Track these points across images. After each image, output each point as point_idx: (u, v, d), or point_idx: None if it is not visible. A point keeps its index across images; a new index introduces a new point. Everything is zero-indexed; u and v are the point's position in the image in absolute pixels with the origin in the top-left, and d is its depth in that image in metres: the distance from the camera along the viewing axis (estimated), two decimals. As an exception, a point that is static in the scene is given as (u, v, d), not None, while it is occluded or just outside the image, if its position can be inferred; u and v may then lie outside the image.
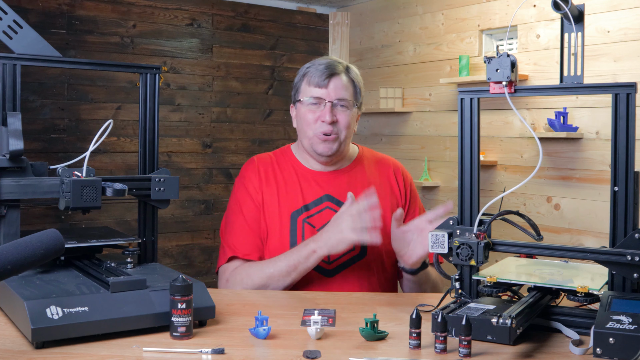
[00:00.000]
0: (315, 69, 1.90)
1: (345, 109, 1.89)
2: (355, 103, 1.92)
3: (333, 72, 1.88)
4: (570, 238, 3.56)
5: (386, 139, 4.75)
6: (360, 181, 1.95)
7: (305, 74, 1.92)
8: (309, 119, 1.90)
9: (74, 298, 1.26)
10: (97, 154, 4.14)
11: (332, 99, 1.88)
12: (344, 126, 1.89)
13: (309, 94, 1.90)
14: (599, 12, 3.37)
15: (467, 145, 1.48)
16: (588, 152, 3.47)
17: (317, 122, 1.88)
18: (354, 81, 1.93)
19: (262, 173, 1.95)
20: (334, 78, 1.89)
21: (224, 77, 4.69)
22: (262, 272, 1.79)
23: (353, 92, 1.92)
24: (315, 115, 1.89)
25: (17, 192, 1.39)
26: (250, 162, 1.99)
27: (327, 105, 1.87)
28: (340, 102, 1.88)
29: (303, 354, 1.21)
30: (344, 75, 1.91)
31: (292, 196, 1.91)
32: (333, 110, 1.88)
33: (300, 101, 1.93)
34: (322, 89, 1.88)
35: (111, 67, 1.63)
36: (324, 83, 1.88)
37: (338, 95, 1.88)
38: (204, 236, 4.61)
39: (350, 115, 1.90)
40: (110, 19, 4.20)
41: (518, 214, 1.46)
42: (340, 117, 1.88)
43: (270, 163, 1.98)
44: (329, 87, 1.88)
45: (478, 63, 4.05)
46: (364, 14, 4.99)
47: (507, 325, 1.20)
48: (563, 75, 1.41)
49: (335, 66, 1.90)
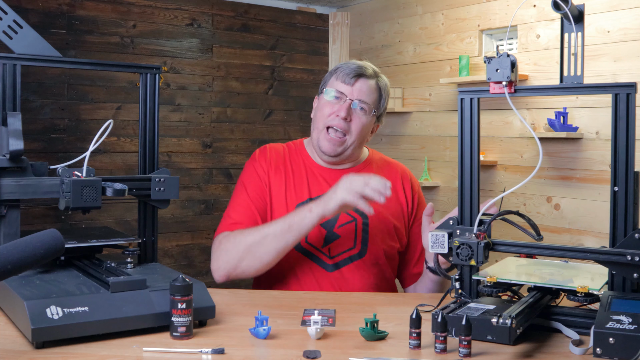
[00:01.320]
0: (347, 65, 1.91)
1: (363, 112, 1.89)
2: (375, 110, 1.92)
3: (363, 73, 1.89)
4: (570, 238, 3.56)
5: (386, 139, 4.75)
6: None
7: (337, 69, 1.93)
8: (325, 111, 1.89)
9: (74, 298, 1.26)
10: (97, 154, 4.13)
11: (354, 97, 1.88)
12: (356, 129, 1.88)
13: (334, 87, 1.90)
14: (599, 12, 3.37)
15: (467, 145, 1.48)
16: (588, 152, 3.47)
17: (331, 115, 1.88)
18: (380, 89, 1.93)
19: (272, 161, 1.95)
20: (362, 79, 1.89)
21: (224, 77, 4.69)
22: (258, 231, 1.76)
23: (376, 99, 1.92)
24: (332, 109, 1.88)
25: (17, 192, 1.39)
26: (263, 149, 2.00)
27: (346, 102, 1.87)
28: (361, 103, 1.88)
29: (303, 354, 1.21)
30: (372, 80, 1.91)
31: (299, 188, 1.91)
32: (351, 109, 1.87)
33: (324, 93, 1.92)
34: (347, 86, 1.89)
35: (111, 67, 1.63)
36: (351, 81, 1.88)
37: (361, 96, 1.88)
38: (204, 236, 4.61)
39: (366, 120, 1.89)
40: (110, 19, 4.20)
41: (518, 214, 1.46)
42: (355, 119, 1.88)
43: (281, 153, 1.98)
44: (355, 86, 1.88)
45: (478, 63, 4.05)
46: (364, 14, 4.99)
47: (507, 325, 1.20)
48: (563, 75, 1.41)
49: (367, 69, 1.91)
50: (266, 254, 1.74)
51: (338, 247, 1.86)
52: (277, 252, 1.74)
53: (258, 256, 1.74)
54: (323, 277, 1.84)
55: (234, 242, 1.78)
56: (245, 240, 1.76)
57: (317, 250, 1.86)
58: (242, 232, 1.80)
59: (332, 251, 1.86)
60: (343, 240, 1.87)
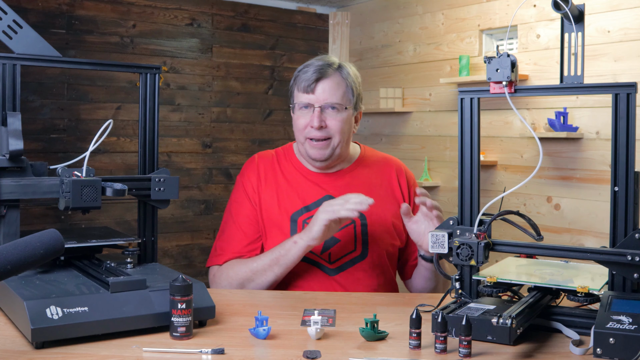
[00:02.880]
0: (304, 73, 1.86)
1: (336, 112, 1.85)
2: (348, 104, 1.88)
3: (321, 75, 1.84)
4: (570, 238, 3.56)
5: (386, 139, 4.75)
6: (361, 182, 1.93)
7: (296, 78, 1.89)
8: (300, 125, 1.88)
9: (74, 298, 1.26)
10: (97, 154, 4.13)
11: (321, 103, 1.84)
12: (336, 130, 1.85)
13: (299, 100, 1.88)
14: (599, 12, 3.37)
15: (467, 145, 1.48)
16: (588, 152, 3.47)
17: (306, 127, 1.86)
18: (346, 81, 1.87)
19: (261, 172, 1.94)
20: (322, 82, 1.84)
21: (224, 77, 4.69)
22: (247, 267, 1.80)
23: (344, 93, 1.86)
24: (305, 120, 1.86)
25: (17, 192, 1.39)
26: (251, 161, 1.98)
27: (315, 111, 1.84)
28: (330, 105, 1.84)
29: (303, 354, 1.21)
30: (334, 77, 1.86)
31: (292, 197, 1.90)
32: (322, 115, 1.84)
33: (292, 107, 1.91)
34: (309, 95, 1.85)
35: (111, 67, 1.63)
36: (311, 88, 1.84)
37: (326, 99, 1.84)
38: (204, 236, 4.61)
39: (342, 118, 1.86)
40: (110, 19, 4.20)
41: (518, 214, 1.46)
42: (331, 122, 1.85)
43: (271, 162, 1.97)
44: (317, 92, 1.84)
45: (478, 63, 4.05)
46: (364, 14, 4.99)
47: (507, 325, 1.20)
48: (563, 75, 1.41)
49: (324, 69, 1.85)
50: (258, 287, 1.80)
51: (339, 251, 1.86)
52: (269, 284, 1.80)
53: (251, 289, 1.81)
54: (326, 281, 1.84)
55: (227, 278, 1.83)
56: (237, 277, 1.81)
57: (317, 257, 1.85)
58: (233, 267, 1.84)
59: (332, 256, 1.85)
60: (343, 244, 1.86)
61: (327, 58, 1.90)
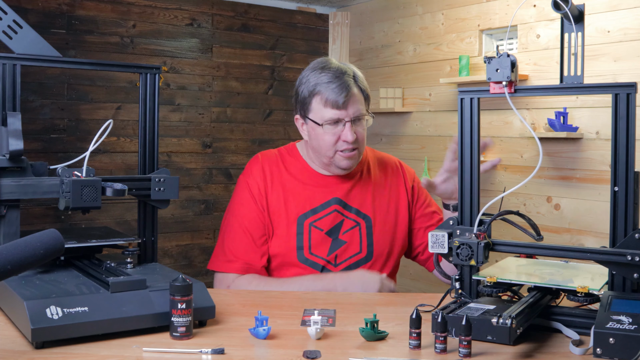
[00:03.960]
0: (327, 87, 1.81)
1: (361, 122, 1.86)
2: (368, 112, 1.89)
3: (348, 90, 1.81)
4: (570, 238, 3.56)
5: (386, 139, 4.75)
6: (368, 184, 1.94)
7: (317, 93, 1.83)
8: (329, 141, 1.83)
9: (74, 298, 1.26)
10: (97, 154, 4.13)
11: (351, 117, 1.83)
12: (362, 138, 1.87)
13: (327, 116, 1.82)
14: (599, 12, 3.37)
15: (467, 145, 1.48)
16: (588, 152, 3.47)
17: (337, 142, 1.83)
18: (362, 90, 1.87)
19: (267, 173, 1.91)
20: (351, 96, 1.82)
21: (224, 77, 4.69)
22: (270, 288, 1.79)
23: (365, 100, 1.88)
24: (335, 136, 1.83)
25: (17, 192, 1.39)
26: (255, 161, 1.95)
27: (347, 125, 1.82)
28: (358, 117, 1.85)
29: (303, 354, 1.21)
30: (355, 88, 1.84)
31: (299, 199, 1.88)
32: (352, 127, 1.83)
33: (315, 122, 1.85)
34: (340, 110, 1.81)
35: (111, 67, 1.63)
36: (343, 105, 1.81)
37: (356, 113, 1.83)
38: (204, 236, 4.61)
39: (365, 125, 1.88)
40: (110, 19, 4.20)
41: (518, 214, 1.46)
42: (359, 132, 1.85)
43: (275, 162, 1.94)
44: (348, 108, 1.82)
45: (478, 63, 4.05)
46: (364, 14, 4.99)
47: (507, 325, 1.19)
48: (563, 75, 1.41)
49: (348, 82, 1.82)
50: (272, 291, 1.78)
51: (344, 253, 1.86)
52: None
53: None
54: None
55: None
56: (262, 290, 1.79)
57: (322, 260, 1.85)
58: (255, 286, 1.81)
59: (338, 258, 1.85)
60: (349, 246, 1.86)
61: (334, 64, 1.86)
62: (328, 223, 1.87)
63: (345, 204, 1.89)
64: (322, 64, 1.87)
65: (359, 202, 1.91)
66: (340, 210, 1.88)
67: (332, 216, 1.87)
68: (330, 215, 1.88)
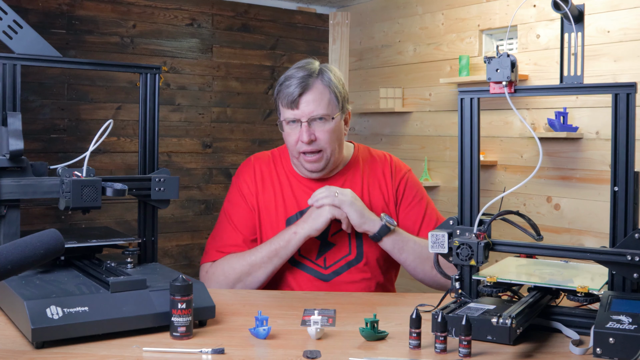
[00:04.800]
0: (286, 87, 1.80)
1: (323, 123, 1.80)
2: (335, 112, 1.81)
3: (303, 89, 1.78)
4: (570, 238, 3.56)
5: (386, 139, 4.75)
6: (355, 185, 1.90)
7: (279, 92, 1.82)
8: (290, 140, 1.83)
9: (74, 298, 1.26)
10: (97, 154, 4.13)
11: (307, 117, 1.78)
12: (326, 142, 1.80)
13: (285, 115, 1.82)
14: (599, 12, 3.37)
15: (467, 145, 1.48)
16: (588, 152, 3.47)
17: (297, 143, 1.81)
18: (329, 88, 1.81)
19: (258, 175, 1.92)
20: (305, 95, 1.78)
21: (224, 77, 4.69)
22: (244, 260, 1.79)
23: (329, 101, 1.80)
24: (295, 136, 1.81)
25: (17, 192, 1.39)
26: (247, 163, 1.96)
27: (303, 126, 1.79)
28: (316, 117, 1.79)
29: (303, 354, 1.21)
30: (317, 87, 1.79)
31: (288, 200, 1.88)
32: (310, 128, 1.79)
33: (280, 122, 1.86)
34: (294, 110, 1.79)
35: (111, 67, 1.63)
36: (295, 104, 1.78)
37: (312, 112, 1.78)
38: (204, 236, 4.61)
39: (331, 128, 1.80)
40: (110, 19, 4.20)
41: (518, 214, 1.46)
42: (320, 134, 1.79)
43: (267, 163, 1.95)
44: (301, 106, 1.78)
45: (478, 63, 4.05)
46: (364, 14, 4.99)
47: (507, 325, 1.20)
48: (563, 75, 1.41)
49: (305, 81, 1.78)
50: (256, 280, 1.79)
51: (333, 255, 1.84)
52: (267, 276, 1.79)
53: (249, 283, 1.80)
54: (320, 286, 1.83)
55: (222, 273, 1.81)
56: (234, 271, 1.79)
57: (311, 262, 1.84)
58: (229, 261, 1.82)
59: (327, 261, 1.84)
60: (338, 248, 1.85)
61: (307, 66, 1.83)
62: None
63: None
64: (298, 64, 1.87)
65: None
66: None
67: None
68: None
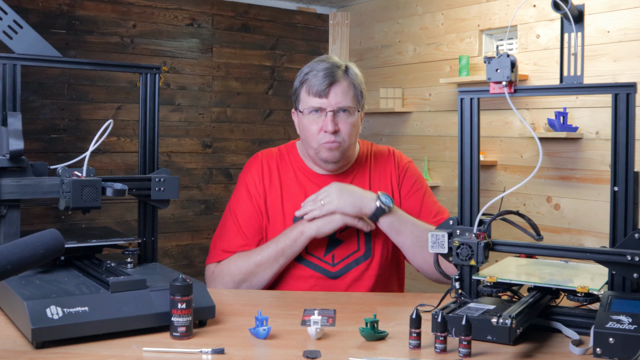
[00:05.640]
0: (313, 76, 1.82)
1: (347, 116, 1.83)
2: (358, 107, 1.86)
3: (333, 79, 1.81)
4: (570, 238, 3.56)
5: (386, 139, 4.75)
6: (363, 182, 1.92)
7: (304, 82, 1.85)
8: (312, 130, 1.84)
9: (74, 298, 1.26)
10: (97, 154, 4.14)
11: (334, 107, 1.81)
12: (347, 134, 1.83)
13: (309, 104, 1.83)
14: (598, 12, 3.37)
15: (467, 145, 1.48)
16: (588, 152, 3.47)
17: (320, 132, 1.82)
18: (354, 84, 1.85)
19: (266, 172, 1.92)
20: (334, 86, 1.81)
21: (224, 77, 4.70)
22: (250, 260, 1.79)
23: (354, 96, 1.85)
24: (318, 125, 1.83)
25: (17, 192, 1.39)
26: (255, 160, 1.96)
27: (328, 115, 1.81)
28: (342, 109, 1.82)
29: (303, 354, 1.21)
30: (343, 80, 1.83)
31: (296, 198, 1.88)
32: (335, 118, 1.82)
33: (302, 111, 1.87)
34: (322, 99, 1.81)
35: (111, 67, 1.63)
36: (325, 92, 1.81)
37: (339, 103, 1.82)
38: (204, 236, 4.61)
39: (352, 120, 1.84)
40: (110, 19, 4.20)
41: (518, 214, 1.46)
42: (343, 126, 1.82)
43: (275, 160, 1.95)
44: (330, 96, 1.81)
45: (478, 63, 4.05)
46: (364, 14, 4.99)
47: (507, 325, 1.20)
48: (563, 75, 1.41)
49: (334, 72, 1.82)
50: (262, 279, 1.80)
51: (342, 252, 1.85)
52: (273, 275, 1.80)
53: (255, 283, 1.80)
54: (327, 283, 1.83)
55: (229, 274, 1.81)
56: (240, 271, 1.80)
57: (319, 260, 1.84)
58: (235, 261, 1.82)
59: (335, 258, 1.84)
60: (346, 245, 1.85)
61: (332, 59, 1.87)
62: None
63: None
64: (320, 58, 1.89)
65: None
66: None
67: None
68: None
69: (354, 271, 1.84)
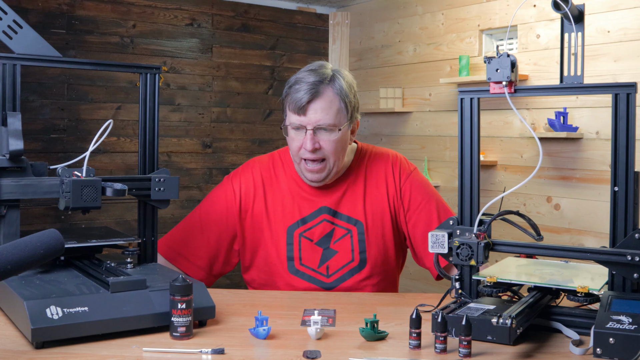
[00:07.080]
0: (295, 91, 1.73)
1: (329, 133, 1.73)
2: (342, 123, 1.75)
3: (312, 96, 1.71)
4: (570, 238, 3.56)
5: (386, 139, 4.75)
6: (360, 186, 1.85)
7: (288, 95, 1.76)
8: (294, 145, 1.77)
9: (74, 298, 1.26)
10: (97, 154, 4.14)
11: (313, 125, 1.72)
12: (330, 152, 1.74)
13: (290, 120, 1.76)
14: (599, 12, 3.37)
15: (467, 145, 1.48)
16: (588, 152, 3.47)
17: (300, 149, 1.75)
18: (339, 97, 1.74)
19: (257, 181, 1.87)
20: (314, 102, 1.72)
21: (224, 77, 4.69)
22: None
23: (337, 112, 1.74)
24: (299, 142, 1.75)
25: (17, 192, 1.39)
26: (245, 170, 1.91)
27: (307, 134, 1.72)
28: (322, 127, 1.73)
29: (303, 354, 1.21)
30: (327, 94, 1.73)
31: (289, 209, 1.84)
32: (315, 137, 1.73)
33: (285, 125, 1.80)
34: (301, 116, 1.73)
35: (111, 67, 1.63)
36: (303, 110, 1.72)
37: (318, 121, 1.72)
38: (204, 236, 4.61)
39: (336, 138, 1.74)
40: (110, 19, 4.20)
41: (518, 214, 1.46)
42: (325, 143, 1.73)
43: (267, 169, 1.89)
44: (308, 114, 1.72)
45: (478, 63, 4.05)
46: (364, 14, 4.99)
47: (507, 325, 1.20)
48: (563, 75, 1.41)
49: (316, 87, 1.72)
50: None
51: (336, 263, 1.81)
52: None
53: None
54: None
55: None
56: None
57: (313, 271, 1.81)
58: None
59: (330, 269, 1.81)
60: (341, 255, 1.81)
61: (320, 70, 1.77)
62: (318, 233, 1.82)
63: (335, 212, 1.83)
64: (310, 67, 1.81)
65: (349, 208, 1.83)
66: (329, 219, 1.83)
67: (321, 226, 1.82)
68: (320, 225, 1.82)
69: (349, 282, 1.81)
